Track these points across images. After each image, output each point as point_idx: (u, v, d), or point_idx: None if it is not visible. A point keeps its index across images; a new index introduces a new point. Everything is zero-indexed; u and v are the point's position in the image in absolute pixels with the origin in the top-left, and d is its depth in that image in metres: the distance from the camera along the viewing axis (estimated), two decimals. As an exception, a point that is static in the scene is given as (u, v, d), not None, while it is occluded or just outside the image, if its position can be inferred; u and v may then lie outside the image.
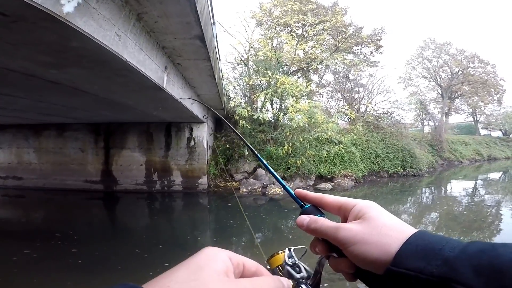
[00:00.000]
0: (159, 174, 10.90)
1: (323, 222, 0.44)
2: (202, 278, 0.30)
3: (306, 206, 0.48)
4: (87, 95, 5.38)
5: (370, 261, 0.38)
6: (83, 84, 4.69)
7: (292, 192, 0.51)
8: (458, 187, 12.86)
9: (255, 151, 0.67)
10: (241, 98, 13.94)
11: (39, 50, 3.04)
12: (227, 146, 11.81)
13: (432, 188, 13.22)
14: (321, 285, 0.46)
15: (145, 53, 3.93)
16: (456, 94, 28.96)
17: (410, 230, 0.39)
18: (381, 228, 0.39)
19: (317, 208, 0.48)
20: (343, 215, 0.46)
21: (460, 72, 26.62)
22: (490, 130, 36.13)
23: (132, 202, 10.03)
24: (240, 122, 10.97)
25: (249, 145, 0.71)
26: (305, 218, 0.46)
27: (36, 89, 4.90)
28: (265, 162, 0.61)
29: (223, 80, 10.56)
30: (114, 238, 6.31)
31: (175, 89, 5.76)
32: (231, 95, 13.89)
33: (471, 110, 32.70)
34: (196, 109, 8.40)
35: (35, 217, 8.11)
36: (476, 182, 14.87)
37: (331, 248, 0.44)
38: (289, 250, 0.49)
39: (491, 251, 0.32)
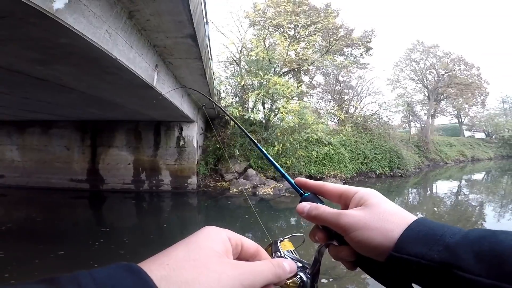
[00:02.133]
0: (147, 174, 10.74)
1: (324, 208, 0.44)
2: (201, 258, 0.30)
3: (306, 194, 0.48)
4: (74, 92, 5.25)
5: (373, 247, 0.38)
6: (71, 81, 4.57)
7: (292, 180, 0.51)
8: (443, 188, 13.18)
9: (254, 140, 0.70)
10: (232, 98, 13.93)
11: (26, 46, 2.94)
12: (218, 146, 11.76)
13: (418, 188, 13.52)
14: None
15: (135, 51, 3.86)
16: (442, 96, 29.60)
17: (411, 217, 0.39)
18: (383, 214, 0.40)
19: (317, 196, 0.48)
20: (344, 202, 0.46)
21: (446, 74, 27.23)
22: (473, 131, 37.12)
23: (121, 201, 9.81)
24: (231, 121, 10.94)
25: (248, 133, 0.73)
26: (305, 205, 0.45)
27: (21, 85, 4.74)
28: (264, 151, 0.64)
29: (214, 79, 10.50)
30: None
31: (165, 88, 5.68)
32: (223, 95, 13.84)
33: (456, 112, 33.52)
34: (186, 108, 8.31)
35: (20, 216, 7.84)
36: (460, 183, 15.27)
37: (331, 236, 0.44)
38: (275, 243, 0.47)
39: (492, 238, 0.32)
